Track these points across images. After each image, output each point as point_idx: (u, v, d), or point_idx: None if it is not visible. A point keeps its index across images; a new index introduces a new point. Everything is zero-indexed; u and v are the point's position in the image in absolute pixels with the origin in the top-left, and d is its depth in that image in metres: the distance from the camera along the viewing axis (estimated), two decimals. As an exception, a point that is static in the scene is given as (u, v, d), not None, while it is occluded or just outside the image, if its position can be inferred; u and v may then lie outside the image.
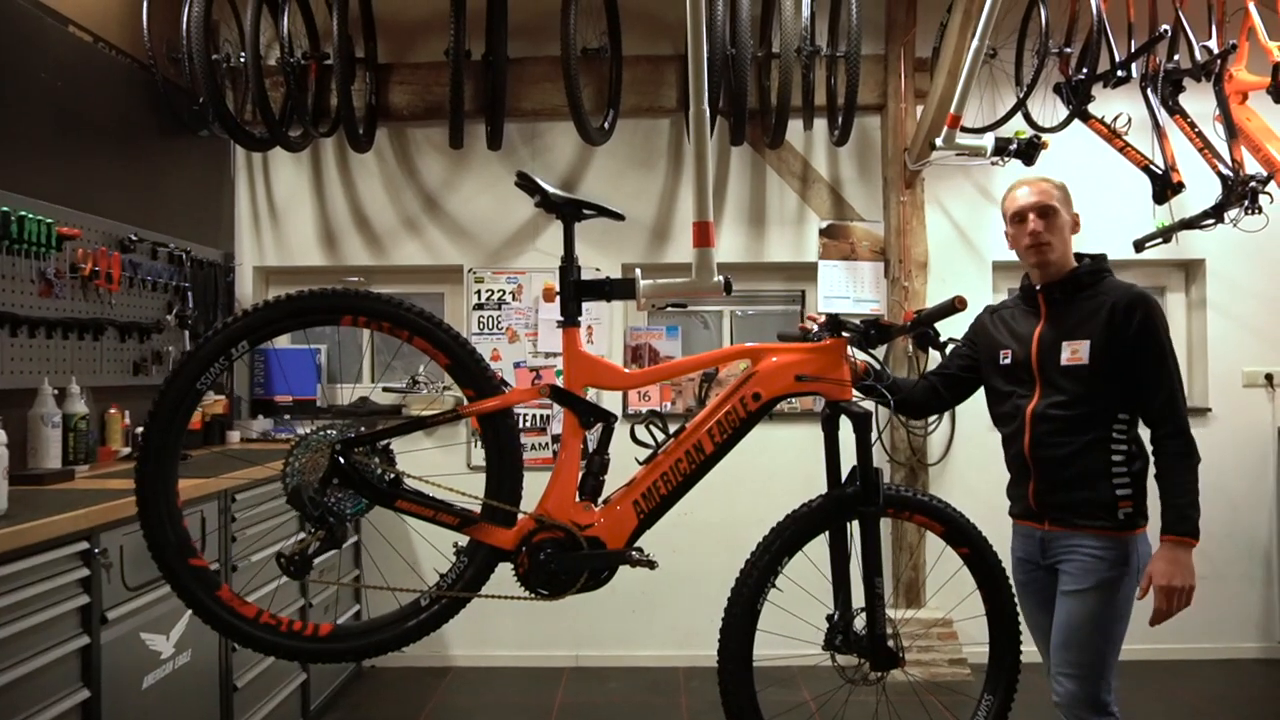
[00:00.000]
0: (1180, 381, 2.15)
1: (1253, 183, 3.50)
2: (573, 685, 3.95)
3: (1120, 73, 3.72)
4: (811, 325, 2.01)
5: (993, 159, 3.73)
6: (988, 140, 3.68)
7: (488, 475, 1.77)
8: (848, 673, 1.94)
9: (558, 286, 1.82)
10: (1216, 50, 3.57)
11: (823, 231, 4.23)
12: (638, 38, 4.11)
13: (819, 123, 4.05)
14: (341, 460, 1.65)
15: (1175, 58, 3.73)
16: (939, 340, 2.02)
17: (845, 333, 1.91)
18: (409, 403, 4.18)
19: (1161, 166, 3.72)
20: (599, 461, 1.82)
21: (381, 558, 3.56)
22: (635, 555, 1.78)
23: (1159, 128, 3.74)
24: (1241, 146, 3.58)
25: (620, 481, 1.86)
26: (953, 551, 2.04)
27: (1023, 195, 2.26)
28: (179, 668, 2.57)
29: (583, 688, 3.93)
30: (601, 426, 1.82)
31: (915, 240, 4.16)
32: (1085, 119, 3.78)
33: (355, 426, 1.72)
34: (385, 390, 4.24)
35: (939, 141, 3.62)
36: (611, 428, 1.83)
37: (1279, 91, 3.37)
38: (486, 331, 4.21)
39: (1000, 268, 4.20)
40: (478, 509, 1.77)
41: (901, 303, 4.10)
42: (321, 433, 1.69)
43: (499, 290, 4.22)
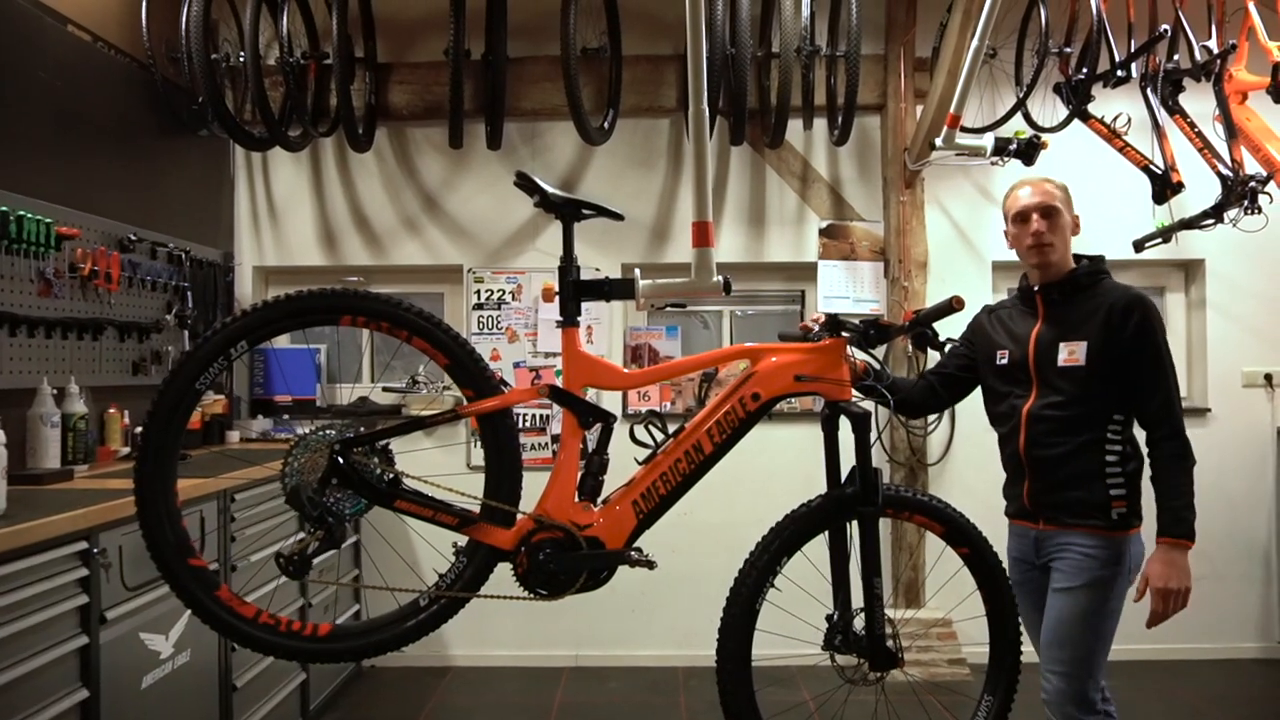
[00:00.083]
0: (1176, 384, 2.15)
1: (1252, 183, 3.50)
2: (572, 685, 3.95)
3: (1120, 73, 3.72)
4: (812, 325, 2.01)
5: (992, 159, 3.73)
6: (987, 140, 3.68)
7: (487, 475, 1.77)
8: (847, 673, 1.94)
9: (557, 287, 1.82)
10: (1216, 50, 3.56)
11: (822, 231, 4.23)
12: (637, 37, 4.10)
13: (819, 122, 4.05)
14: (340, 460, 1.65)
15: (1175, 58, 3.72)
16: (938, 340, 2.02)
17: (844, 333, 1.91)
18: (408, 403, 4.17)
19: (1161, 166, 3.72)
20: (598, 462, 1.82)
21: (381, 558, 3.56)
22: (634, 555, 1.78)
23: (1159, 128, 3.74)
24: (1241, 146, 3.57)
25: (619, 482, 1.86)
26: (952, 552, 2.04)
27: (1025, 195, 2.26)
28: (178, 668, 2.57)
29: (582, 687, 3.93)
30: (601, 427, 1.82)
31: (915, 240, 4.16)
32: (1085, 119, 3.78)
33: (354, 426, 1.72)
34: (385, 390, 4.23)
35: (939, 141, 3.62)
36: (610, 428, 1.82)
37: (1279, 91, 3.37)
38: (486, 331, 4.21)
39: (1000, 268, 4.20)
40: (477, 509, 1.76)
41: (901, 303, 4.10)
42: (320, 433, 1.69)
43: (499, 290, 4.22)
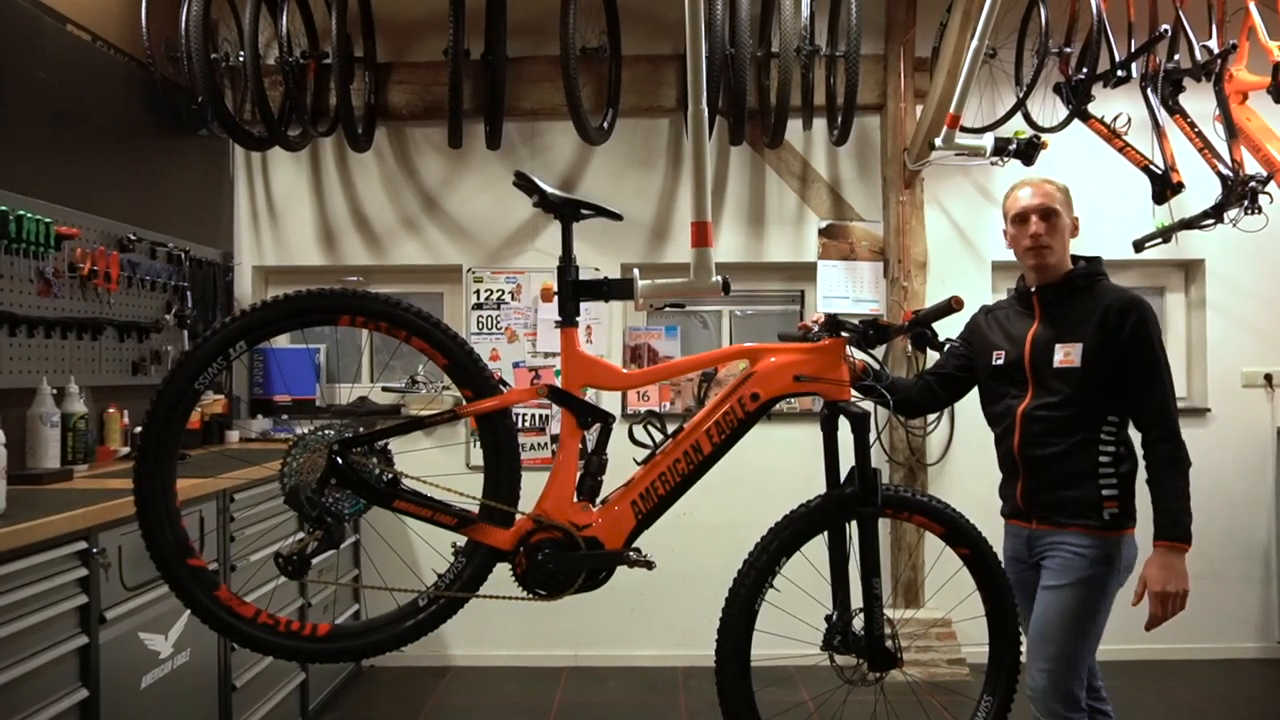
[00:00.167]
0: (1172, 386, 2.16)
1: (1252, 183, 3.50)
2: (571, 685, 3.95)
3: (1120, 72, 3.72)
4: (812, 326, 2.01)
5: (992, 159, 3.73)
6: (987, 140, 3.68)
7: (485, 475, 1.77)
8: (846, 673, 1.94)
9: (556, 287, 1.82)
10: (1216, 50, 3.56)
11: (822, 231, 4.23)
12: (637, 37, 4.10)
13: (818, 122, 4.05)
14: (339, 460, 1.65)
15: (1175, 57, 3.72)
16: (937, 340, 2.02)
17: (844, 333, 1.91)
18: (408, 402, 4.17)
19: (1161, 166, 3.72)
20: (597, 462, 1.82)
21: (380, 558, 3.56)
22: (633, 556, 1.78)
23: (1159, 128, 3.73)
24: (1241, 146, 3.57)
25: (619, 482, 1.86)
26: (952, 552, 2.04)
27: (1025, 196, 2.26)
28: (178, 667, 2.57)
29: (581, 687, 3.93)
30: (600, 427, 1.81)
31: (914, 240, 4.16)
32: (1085, 119, 3.78)
33: (353, 427, 1.72)
34: (384, 390, 4.23)
35: (938, 141, 3.61)
36: (609, 428, 1.82)
37: (1279, 91, 3.37)
38: (485, 331, 4.21)
39: (999, 268, 4.20)
40: (476, 509, 1.76)
41: (900, 303, 4.09)
42: (319, 433, 1.69)
43: (498, 290, 4.22)
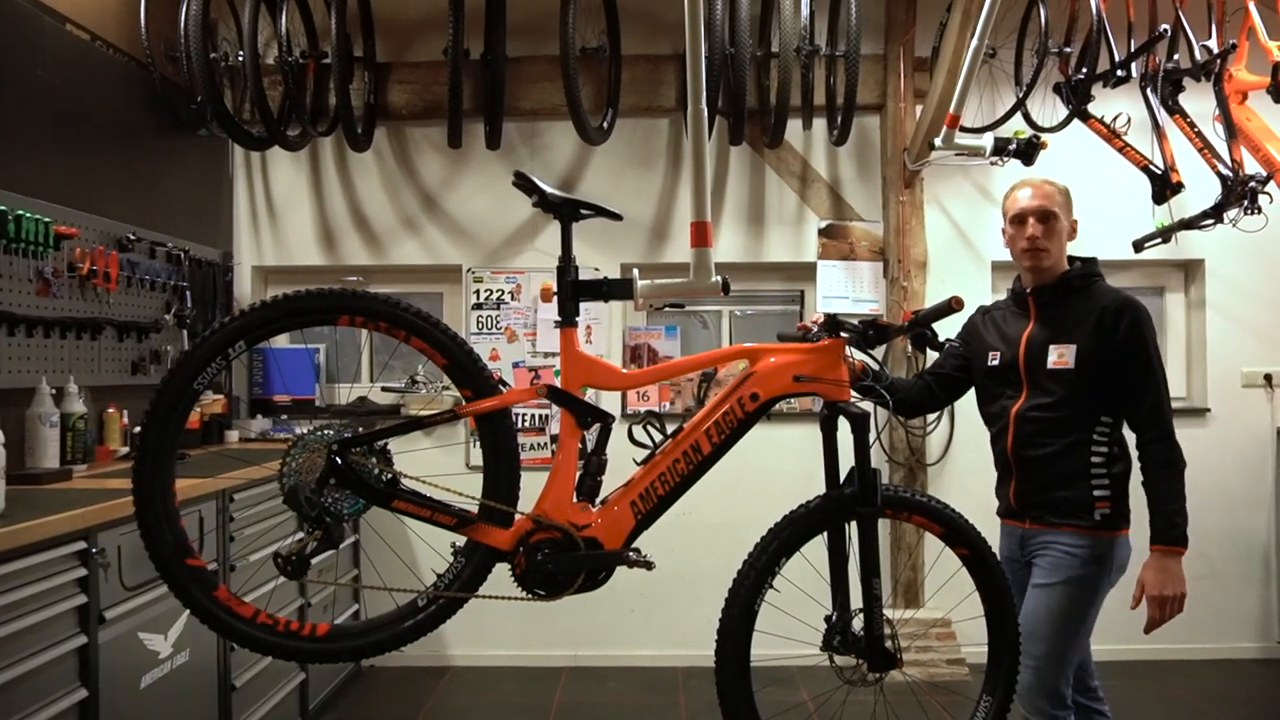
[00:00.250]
0: (1167, 388, 2.17)
1: (1252, 183, 3.50)
2: (571, 685, 3.95)
3: (1120, 72, 3.71)
4: (811, 326, 2.01)
5: (992, 159, 3.73)
6: (987, 140, 3.68)
7: (485, 475, 1.76)
8: (846, 673, 1.94)
9: (555, 287, 1.81)
10: (1216, 50, 3.56)
11: (822, 231, 4.23)
12: (637, 37, 4.10)
13: (818, 122, 4.05)
14: (338, 460, 1.65)
15: (1175, 57, 3.72)
16: (937, 340, 2.02)
17: (843, 333, 1.90)
18: (407, 402, 4.17)
19: (1161, 166, 3.72)
20: (596, 462, 1.82)
21: (379, 558, 3.55)
22: (632, 556, 1.77)
23: (1158, 128, 3.73)
24: (1241, 146, 3.57)
25: (618, 482, 1.86)
26: (951, 552, 2.04)
27: (1025, 197, 2.26)
28: (177, 667, 2.57)
29: (581, 687, 3.93)
30: (599, 427, 1.81)
31: (914, 240, 4.16)
32: (1085, 119, 3.78)
33: (352, 427, 1.72)
34: (384, 390, 4.23)
35: (938, 141, 3.61)
36: (609, 428, 1.82)
37: (1279, 91, 3.37)
38: (485, 331, 4.21)
39: (999, 268, 4.19)
40: (475, 509, 1.76)
41: (900, 303, 4.09)
42: (318, 433, 1.69)
43: (498, 290, 4.22)
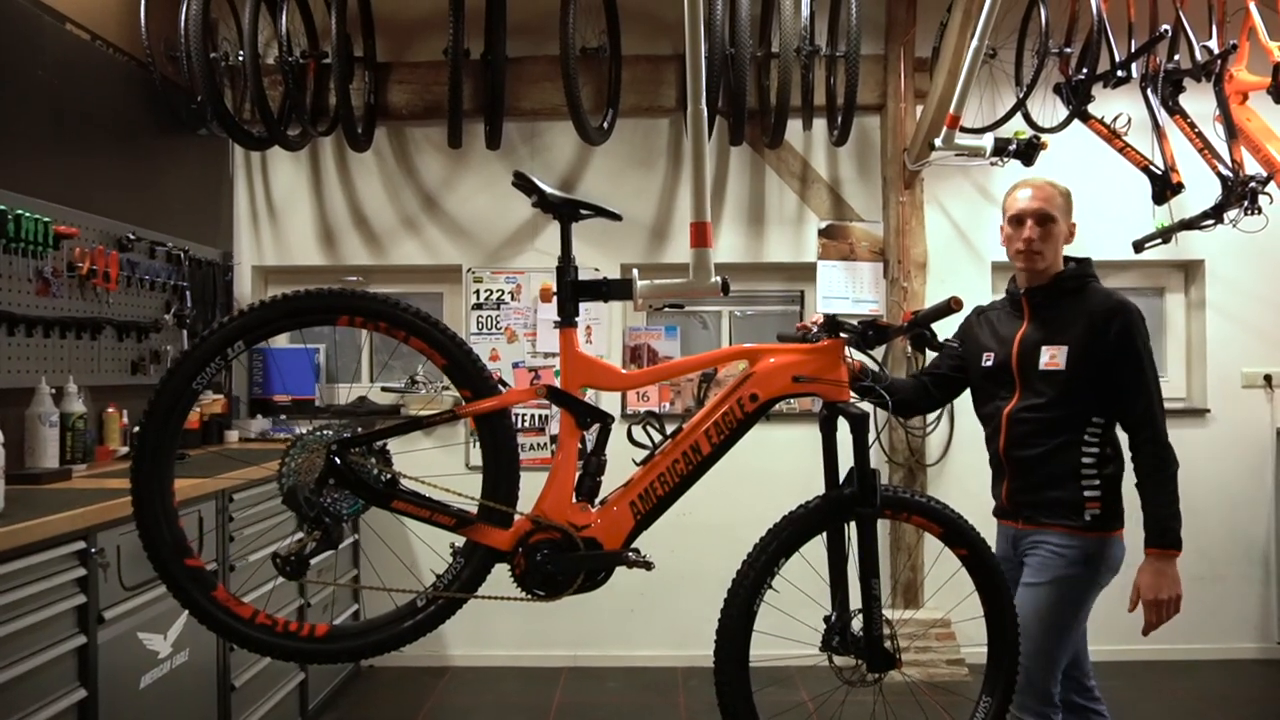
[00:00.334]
0: (1159, 390, 2.17)
1: (1252, 183, 3.50)
2: (571, 685, 3.95)
3: (1120, 73, 3.71)
4: (811, 326, 2.01)
5: (992, 159, 3.72)
6: (987, 140, 3.68)
7: (484, 476, 1.76)
8: (845, 673, 1.94)
9: (555, 287, 1.81)
10: (1217, 50, 3.56)
11: (822, 232, 4.23)
12: (637, 37, 4.10)
13: (818, 123, 4.05)
14: (337, 460, 1.65)
15: (1175, 58, 3.72)
16: (936, 341, 2.02)
17: (843, 333, 1.90)
18: (407, 402, 4.17)
19: (1161, 167, 3.71)
20: (596, 462, 1.81)
21: (379, 558, 3.55)
22: (632, 556, 1.77)
23: (1159, 128, 3.73)
24: (1241, 147, 3.57)
25: (618, 482, 1.85)
26: (950, 552, 2.04)
27: (1025, 198, 2.26)
28: (176, 667, 2.57)
29: (581, 687, 3.93)
30: (599, 427, 1.81)
31: (914, 241, 4.16)
32: (1085, 119, 3.77)
33: (352, 427, 1.72)
34: (384, 390, 4.23)
35: (938, 142, 3.61)
36: (608, 429, 1.82)
37: (1279, 92, 3.37)
38: (485, 331, 4.21)
39: (999, 268, 4.19)
40: (474, 509, 1.76)
41: (900, 303, 4.09)
42: (318, 433, 1.69)
43: (498, 290, 4.22)
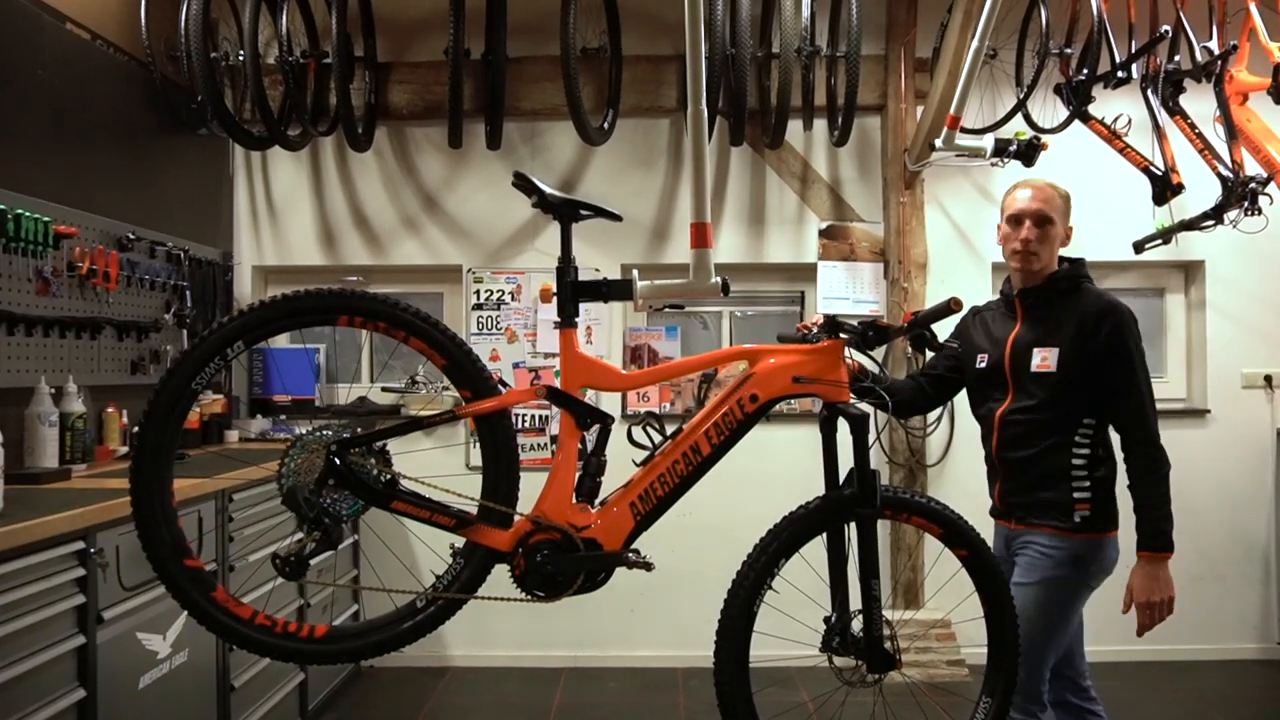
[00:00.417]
0: (1151, 391, 2.17)
1: (1253, 184, 3.50)
2: (571, 685, 3.95)
3: (1120, 73, 3.71)
4: (811, 327, 2.01)
5: (992, 160, 3.71)
6: (987, 141, 3.67)
7: (484, 476, 1.76)
8: (845, 674, 1.93)
9: (555, 288, 1.81)
10: (1217, 51, 3.56)
11: (822, 232, 4.23)
12: (637, 37, 4.10)
13: (819, 123, 4.05)
14: (337, 461, 1.65)
15: (1176, 58, 3.72)
16: (936, 341, 2.02)
17: (843, 334, 1.90)
18: (407, 403, 4.17)
19: (1161, 168, 3.71)
20: (596, 463, 1.81)
21: (379, 559, 3.55)
22: (632, 557, 1.77)
23: (1159, 129, 3.73)
24: (1242, 148, 3.57)
25: (618, 483, 1.85)
26: (951, 553, 2.04)
27: (1024, 198, 2.26)
28: (176, 667, 2.57)
29: (581, 688, 3.93)
30: (599, 428, 1.81)
31: (915, 241, 4.16)
32: (1085, 120, 3.77)
33: (352, 427, 1.71)
34: (384, 390, 4.23)
35: (939, 142, 3.61)
36: (608, 429, 1.82)
37: (1279, 93, 3.37)
38: (485, 332, 4.21)
39: (999, 269, 4.18)
40: (474, 510, 1.76)
41: (901, 304, 4.09)
42: (317, 433, 1.68)
43: (498, 290, 4.22)
